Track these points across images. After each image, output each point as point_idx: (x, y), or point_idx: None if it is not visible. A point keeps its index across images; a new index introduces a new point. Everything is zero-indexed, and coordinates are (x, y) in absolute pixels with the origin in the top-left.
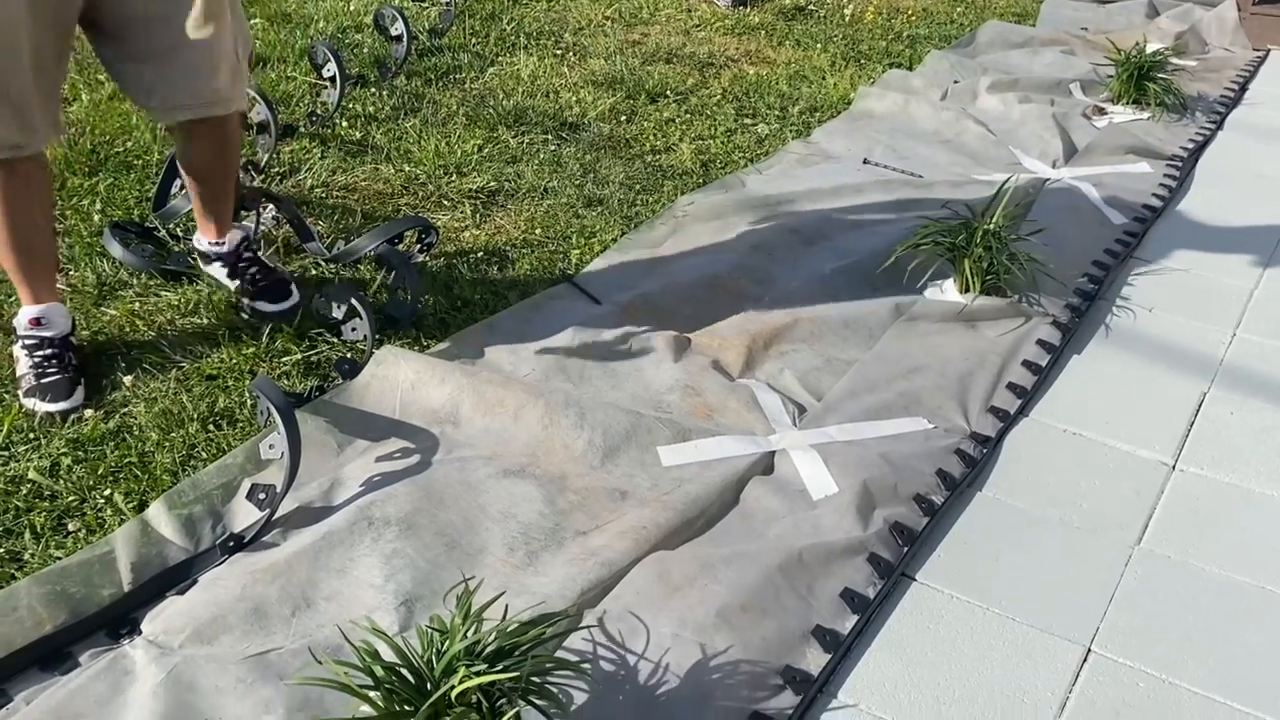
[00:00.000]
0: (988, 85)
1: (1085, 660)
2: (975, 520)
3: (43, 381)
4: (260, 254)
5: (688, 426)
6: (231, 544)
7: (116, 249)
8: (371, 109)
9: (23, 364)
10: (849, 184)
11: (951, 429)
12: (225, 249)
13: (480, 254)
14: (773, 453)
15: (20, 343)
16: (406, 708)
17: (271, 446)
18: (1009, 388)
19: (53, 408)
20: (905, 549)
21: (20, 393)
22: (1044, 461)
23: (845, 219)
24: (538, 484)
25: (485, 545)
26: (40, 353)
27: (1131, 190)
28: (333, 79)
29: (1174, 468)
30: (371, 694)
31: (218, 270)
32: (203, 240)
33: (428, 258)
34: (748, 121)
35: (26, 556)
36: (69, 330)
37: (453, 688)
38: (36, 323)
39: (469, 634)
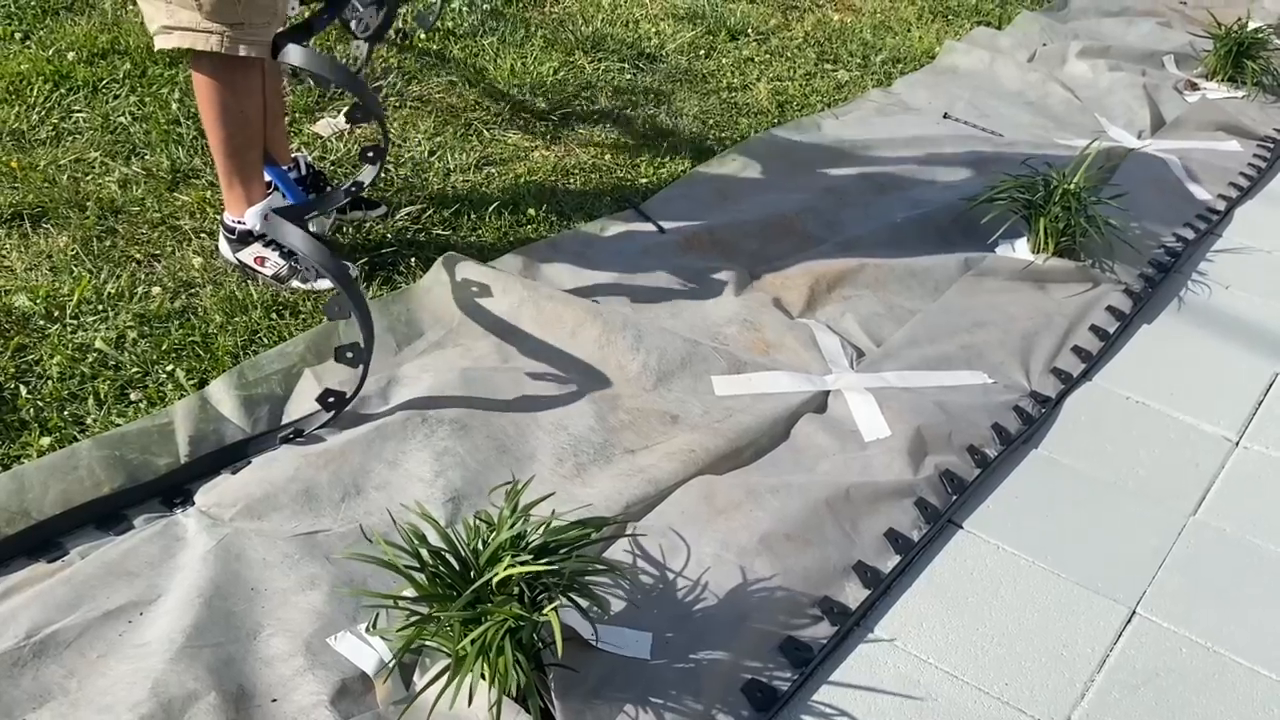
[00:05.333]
0: (1078, 50)
1: (1129, 621)
2: (1028, 476)
3: (306, 265)
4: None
5: (744, 359)
6: (292, 435)
7: None
8: (450, 24)
9: (272, 260)
10: (927, 136)
11: (1011, 386)
12: (302, 170)
13: (549, 174)
14: (827, 392)
15: (259, 242)
16: (450, 591)
17: (339, 308)
18: (1074, 350)
19: (324, 284)
20: (954, 497)
21: (293, 283)
22: (1103, 426)
23: (920, 170)
24: (590, 400)
25: (534, 453)
26: None
27: (1219, 167)
28: None
29: (1238, 444)
30: (416, 575)
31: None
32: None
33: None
34: (828, 67)
35: (89, 421)
36: None
37: (496, 575)
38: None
39: (515, 526)
